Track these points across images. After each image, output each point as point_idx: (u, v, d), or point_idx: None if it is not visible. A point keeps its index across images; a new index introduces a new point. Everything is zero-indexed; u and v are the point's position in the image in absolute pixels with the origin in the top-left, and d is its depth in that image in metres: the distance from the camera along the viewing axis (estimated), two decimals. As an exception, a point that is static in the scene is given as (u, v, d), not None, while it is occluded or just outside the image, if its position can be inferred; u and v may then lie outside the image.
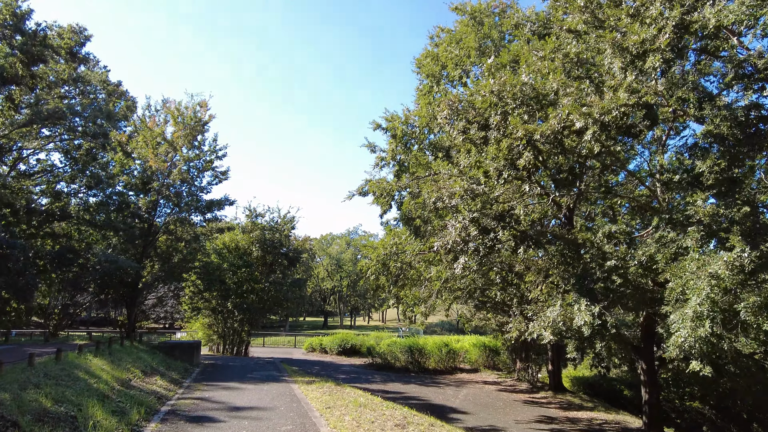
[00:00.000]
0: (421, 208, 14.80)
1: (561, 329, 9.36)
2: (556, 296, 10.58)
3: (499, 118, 10.05)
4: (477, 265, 11.80)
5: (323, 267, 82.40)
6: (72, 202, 31.53)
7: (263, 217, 33.14)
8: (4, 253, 23.14)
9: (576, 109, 8.77)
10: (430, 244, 14.95)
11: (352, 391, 13.98)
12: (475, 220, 10.91)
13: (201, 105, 25.08)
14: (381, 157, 16.36)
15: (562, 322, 9.33)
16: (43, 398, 8.34)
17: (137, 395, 11.21)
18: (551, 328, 9.37)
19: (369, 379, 22.83)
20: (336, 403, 11.51)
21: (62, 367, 11.04)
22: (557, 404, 21.03)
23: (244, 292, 30.31)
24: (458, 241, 11.03)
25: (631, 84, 8.40)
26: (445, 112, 11.17)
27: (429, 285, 18.10)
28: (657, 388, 18.59)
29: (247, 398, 12.41)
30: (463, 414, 17.11)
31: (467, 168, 11.36)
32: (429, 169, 15.50)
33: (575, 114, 8.74)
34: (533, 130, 9.35)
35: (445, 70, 17.17)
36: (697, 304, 8.14)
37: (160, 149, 24.05)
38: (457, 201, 11.04)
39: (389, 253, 15.93)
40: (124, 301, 25.20)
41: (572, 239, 11.58)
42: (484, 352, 30.42)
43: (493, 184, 11.29)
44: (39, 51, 11.48)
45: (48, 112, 28.91)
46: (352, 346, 33.88)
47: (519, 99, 10.33)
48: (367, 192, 16.01)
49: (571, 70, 9.99)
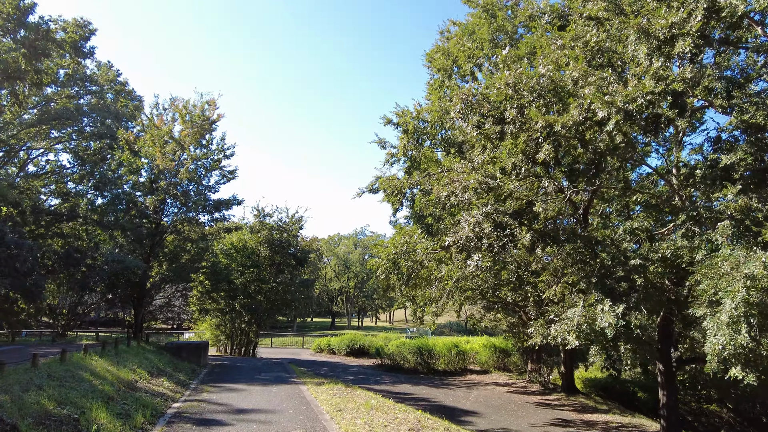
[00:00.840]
0: (432, 205, 14.41)
1: (585, 332, 8.92)
2: (576, 297, 10.14)
3: (516, 111, 9.64)
4: (491, 263, 11.38)
5: (330, 267, 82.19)
6: (79, 202, 31.54)
7: (271, 217, 32.96)
8: (11, 253, 23.08)
9: (598, 98, 8.34)
10: (442, 242, 14.56)
11: (362, 393, 13.61)
12: (489, 215, 10.51)
13: (209, 103, 24.85)
14: (391, 154, 15.95)
15: (585, 324, 8.89)
16: (45, 400, 8.06)
17: (143, 397, 10.92)
18: (576, 331, 8.92)
19: (378, 381, 22.51)
20: (347, 406, 11.15)
21: (66, 368, 10.77)
22: (571, 407, 20.57)
23: (252, 293, 30.11)
24: (471, 237, 10.63)
25: (658, 71, 7.97)
26: (458, 107, 10.78)
27: (440, 285, 17.72)
28: (675, 391, 18.08)
29: (255, 400, 12.08)
30: (475, 416, 16.74)
31: (482, 165, 10.95)
32: (440, 166, 15.11)
33: (597, 103, 8.31)
34: (554, 121, 8.92)
35: (457, 64, 16.77)
36: (732, 308, 7.66)
37: (167, 148, 23.84)
38: (470, 195, 10.64)
39: (400, 251, 15.55)
40: (132, 301, 25.00)
41: (589, 237, 11.15)
42: (495, 354, 30.10)
43: (508, 180, 10.87)
44: (42, 45, 11.28)
45: (56, 113, 28.96)
46: (360, 346, 33.64)
47: (536, 92, 9.91)
48: (377, 189, 15.63)
49: (592, 59, 9.56)
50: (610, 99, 8.20)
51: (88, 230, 31.13)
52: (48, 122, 29.18)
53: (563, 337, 9.42)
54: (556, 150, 9.10)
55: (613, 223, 15.86)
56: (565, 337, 9.41)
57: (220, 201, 26.01)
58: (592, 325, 9.00)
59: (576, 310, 9.17)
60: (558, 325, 9.52)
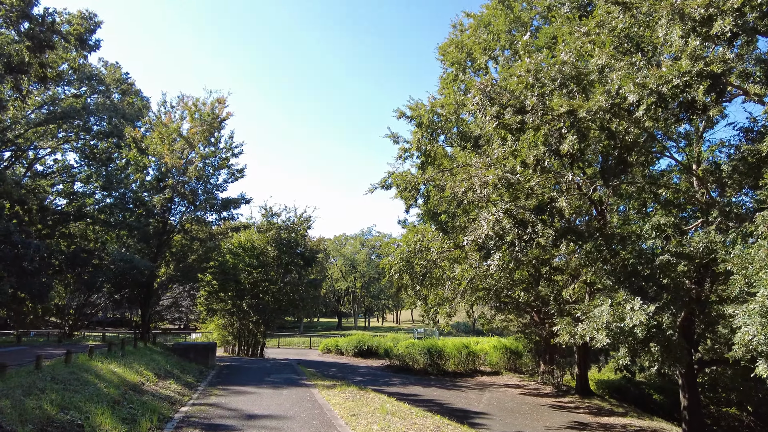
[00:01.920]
0: (446, 202, 13.94)
1: (614, 331, 8.43)
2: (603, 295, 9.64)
3: (537, 100, 9.14)
4: (512, 262, 10.90)
5: (337, 268, 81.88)
6: (87, 202, 31.38)
7: (279, 216, 32.68)
8: (18, 253, 22.89)
9: (629, 80, 7.83)
10: (457, 240, 14.09)
11: (376, 396, 13.14)
12: (509, 211, 10.03)
13: (219, 101, 24.51)
14: (404, 149, 15.45)
15: (615, 324, 8.40)
16: (47, 405, 7.68)
17: (149, 401, 10.52)
18: (605, 330, 8.44)
19: (388, 382, 22.14)
20: (361, 410, 10.68)
21: (71, 370, 10.40)
22: (586, 409, 20.06)
23: (260, 293, 29.80)
24: (491, 236, 10.15)
25: (696, 50, 7.44)
26: (476, 98, 10.30)
27: (452, 284, 17.25)
28: (697, 394, 17.56)
29: (265, 404, 11.66)
30: (489, 419, 16.33)
31: (502, 158, 10.46)
32: (455, 161, 14.61)
33: (628, 86, 7.81)
34: (578, 107, 8.42)
35: (471, 57, 16.26)
36: (765, 296, 7.23)
37: (175, 146, 23.52)
38: (489, 191, 10.17)
39: (413, 250, 15.09)
40: (138, 301, 24.71)
41: (613, 234, 10.66)
42: (506, 355, 29.73)
43: (529, 175, 10.39)
44: (46, 36, 10.93)
45: (63, 111, 28.79)
46: (368, 347, 33.33)
47: (558, 80, 9.43)
48: (390, 185, 15.17)
49: (619, 45, 9.05)
50: (642, 81, 7.69)
51: (95, 230, 30.96)
52: (55, 121, 29.05)
53: (592, 335, 8.92)
54: (581, 141, 8.60)
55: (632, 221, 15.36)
56: (594, 336, 8.92)
57: (228, 200, 25.68)
58: (621, 324, 8.52)
59: (604, 309, 8.69)
60: (586, 323, 9.02)
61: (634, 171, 10.61)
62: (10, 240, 22.47)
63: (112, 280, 23.62)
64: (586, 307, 9.68)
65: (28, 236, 26.00)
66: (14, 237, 22.70)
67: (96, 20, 14.30)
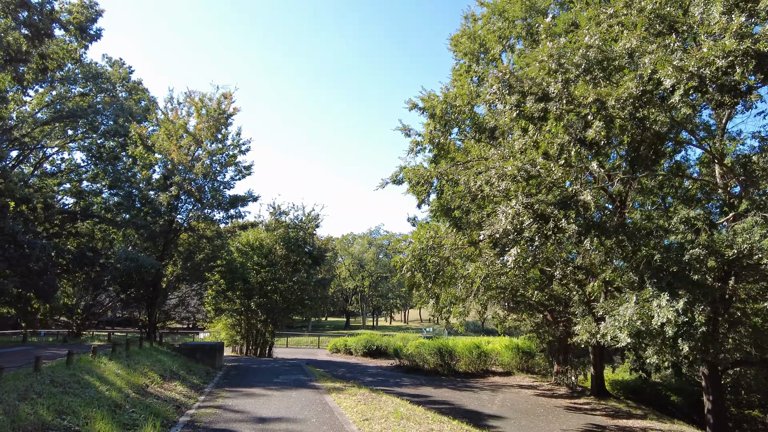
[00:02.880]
0: (460, 197, 13.40)
1: (639, 329, 7.86)
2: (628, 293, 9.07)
3: (561, 86, 8.58)
4: (531, 258, 10.35)
5: (345, 267, 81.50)
6: (94, 201, 31.23)
7: (287, 215, 32.33)
8: (24, 252, 22.67)
9: (666, 63, 7.25)
10: (471, 237, 13.53)
11: (389, 399, 12.63)
12: (529, 205, 9.47)
13: (225, 96, 24.06)
14: (416, 142, 14.90)
15: (640, 321, 7.85)
16: (43, 410, 7.24)
17: (153, 404, 10.09)
18: (628, 328, 7.87)
19: (398, 383, 21.71)
20: (374, 414, 10.18)
21: (72, 372, 9.98)
22: (603, 411, 19.47)
23: (268, 292, 29.44)
24: (509, 230, 9.60)
25: (741, 28, 6.84)
26: (494, 87, 9.75)
27: (465, 283, 16.72)
28: (722, 396, 16.91)
29: (275, 407, 11.19)
30: (503, 421, 15.84)
31: (521, 149, 9.88)
32: (469, 154, 14.04)
33: (665, 69, 7.23)
34: (606, 95, 7.86)
35: (484, 48, 15.69)
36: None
37: (182, 142, 23.14)
38: (508, 184, 9.61)
39: (426, 247, 14.55)
40: (145, 300, 24.40)
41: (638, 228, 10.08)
42: (517, 355, 29.23)
43: (550, 167, 9.82)
44: (45, 25, 10.55)
45: (69, 110, 28.63)
46: (377, 347, 32.96)
47: (582, 65, 8.85)
48: (401, 180, 14.62)
49: (649, 26, 8.44)
50: (681, 64, 7.10)
51: (102, 229, 30.77)
52: (62, 120, 28.92)
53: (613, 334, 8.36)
54: (608, 128, 8.03)
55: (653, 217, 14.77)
56: (615, 335, 8.35)
57: (235, 197, 25.26)
58: (648, 322, 7.96)
59: (629, 306, 8.12)
60: (608, 322, 8.45)
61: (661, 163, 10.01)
62: (15, 240, 22.27)
63: (118, 279, 23.32)
64: (609, 305, 9.10)
65: (35, 236, 25.88)
66: (20, 237, 22.50)
67: (97, 9, 13.91)
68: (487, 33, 15.13)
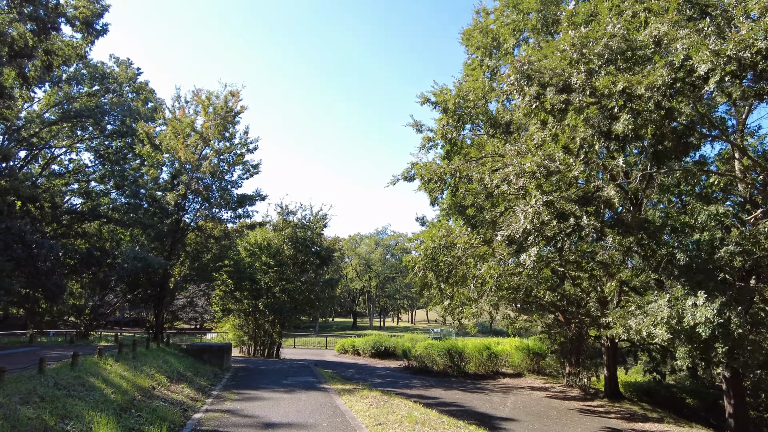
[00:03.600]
0: (473, 195, 13.01)
1: (674, 328, 7.44)
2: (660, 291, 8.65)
3: (584, 76, 8.18)
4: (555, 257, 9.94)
5: (352, 267, 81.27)
6: (102, 201, 31.18)
7: (295, 214, 32.11)
8: (32, 253, 22.57)
9: (701, 47, 6.83)
10: (485, 236, 13.13)
11: (401, 402, 12.25)
12: (550, 203, 9.08)
13: (233, 94, 23.82)
14: (428, 138, 14.49)
15: (675, 320, 7.43)
16: (46, 414, 6.95)
17: (160, 407, 9.78)
18: (666, 325, 7.46)
19: (408, 384, 21.36)
20: (387, 419, 9.80)
21: (77, 374, 9.70)
22: (618, 414, 18.96)
23: (276, 292, 29.19)
24: (529, 230, 9.22)
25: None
26: (511, 78, 9.37)
27: (477, 283, 16.30)
28: (743, 400, 16.43)
29: (284, 411, 10.85)
30: (516, 424, 15.46)
31: (539, 143, 9.48)
32: (483, 150, 13.64)
33: (701, 54, 6.81)
34: (636, 83, 7.46)
35: (496, 43, 15.27)
36: None
37: (189, 140, 22.92)
38: (526, 182, 9.22)
39: (438, 246, 14.15)
40: (153, 301, 24.19)
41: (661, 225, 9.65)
42: (528, 356, 28.76)
43: (569, 162, 9.42)
44: (51, 19, 10.35)
45: (77, 111, 28.58)
46: (386, 348, 32.65)
47: (605, 55, 8.46)
48: (413, 177, 14.23)
49: (678, 11, 8.01)
50: (718, 48, 6.69)
51: (109, 229, 30.70)
52: (69, 120, 28.89)
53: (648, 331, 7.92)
54: (636, 121, 7.62)
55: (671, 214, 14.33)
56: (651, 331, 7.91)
57: (243, 196, 25.00)
58: (681, 321, 7.55)
59: (661, 304, 7.70)
60: (641, 318, 8.02)
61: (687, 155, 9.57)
62: (23, 240, 22.16)
63: (125, 279, 23.14)
64: (641, 301, 8.65)
65: (43, 236, 25.80)
66: (28, 237, 22.41)
67: (103, 3, 13.68)
68: (501, 26, 14.74)
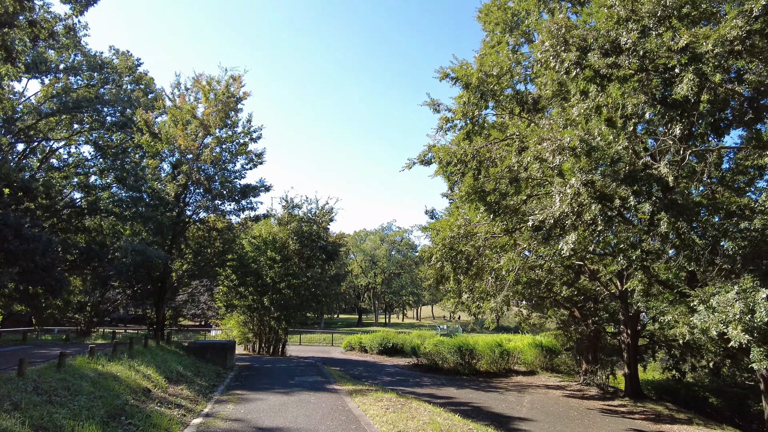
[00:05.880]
0: (495, 179, 11.94)
1: (749, 325, 6.39)
2: (728, 283, 7.58)
3: (637, 35, 7.11)
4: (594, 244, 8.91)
5: (357, 263, 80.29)
6: (102, 195, 30.31)
7: (300, 208, 31.05)
8: (29, 247, 21.70)
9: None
10: (508, 225, 12.08)
11: (420, 406, 11.19)
12: (589, 183, 8.02)
13: (235, 79, 22.69)
14: (446, 118, 13.30)
15: (748, 316, 6.38)
16: (17, 425, 5.97)
17: (155, 412, 8.78)
18: (742, 323, 6.40)
19: (419, 383, 20.42)
20: (407, 426, 8.76)
21: (62, 376, 8.71)
22: (642, 414, 17.88)
23: (282, 288, 28.21)
24: (567, 213, 8.16)
25: None
26: (546, 43, 8.30)
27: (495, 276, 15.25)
28: (783, 401, 15.36)
29: (292, 415, 9.82)
30: (534, 425, 14.53)
31: (582, 114, 8.38)
32: (507, 130, 12.53)
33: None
34: (704, 37, 6.39)
35: (517, 18, 14.18)
36: None
37: (190, 128, 21.86)
38: (564, 158, 8.16)
39: (456, 235, 13.09)
40: (153, 297, 23.24)
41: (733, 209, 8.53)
42: (541, 353, 27.77)
43: (610, 138, 8.34)
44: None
45: (75, 102, 27.66)
46: (393, 345, 31.73)
47: (658, 13, 7.39)
48: (430, 160, 13.14)
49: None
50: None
51: (110, 223, 29.82)
52: (67, 111, 27.97)
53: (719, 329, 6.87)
54: (702, 83, 6.55)
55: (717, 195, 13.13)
56: (721, 330, 6.85)
57: (247, 186, 23.90)
58: (753, 317, 6.50)
59: (729, 298, 6.65)
60: (707, 315, 6.95)
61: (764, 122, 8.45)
62: (20, 234, 21.30)
63: (124, 274, 22.20)
64: (705, 294, 7.60)
65: (41, 230, 24.97)
66: (24, 230, 21.54)
67: (96, -29, 12.79)
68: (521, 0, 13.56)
